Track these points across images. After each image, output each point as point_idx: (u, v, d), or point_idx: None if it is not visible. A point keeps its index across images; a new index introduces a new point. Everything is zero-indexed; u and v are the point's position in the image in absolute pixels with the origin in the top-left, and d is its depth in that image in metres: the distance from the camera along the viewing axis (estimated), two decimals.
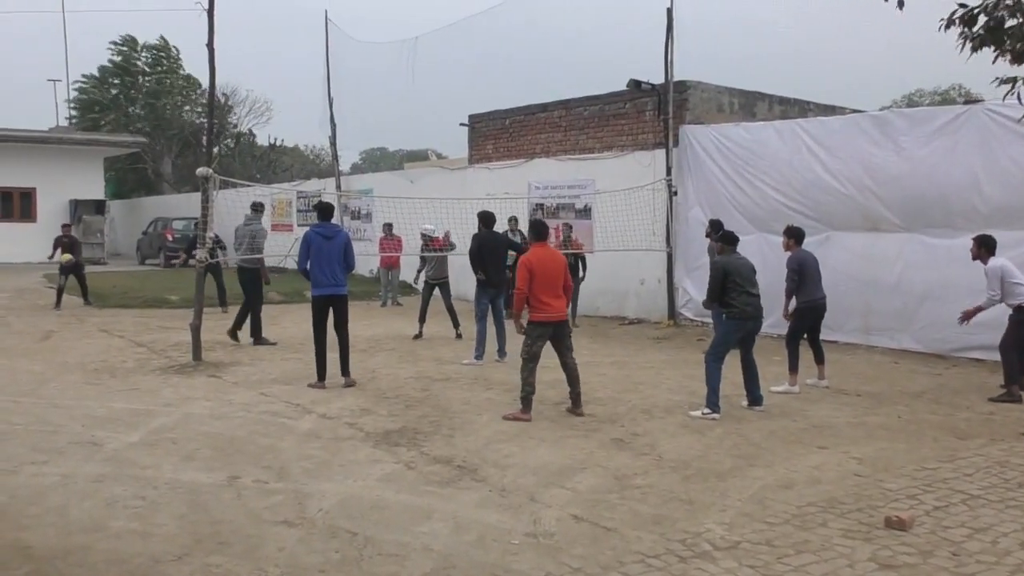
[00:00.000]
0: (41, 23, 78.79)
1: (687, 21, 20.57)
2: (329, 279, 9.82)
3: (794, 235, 10.14)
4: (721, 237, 9.36)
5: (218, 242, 14.60)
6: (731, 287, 8.69)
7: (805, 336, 10.07)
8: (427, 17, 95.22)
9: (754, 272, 8.97)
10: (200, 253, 11.56)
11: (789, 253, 10.05)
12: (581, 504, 5.89)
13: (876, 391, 9.84)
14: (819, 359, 10.17)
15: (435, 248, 14.27)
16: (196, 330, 11.38)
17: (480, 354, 11.60)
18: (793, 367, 9.82)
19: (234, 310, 14.02)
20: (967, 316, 9.51)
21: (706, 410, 8.53)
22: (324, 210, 10.31)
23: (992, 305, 9.30)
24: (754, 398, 8.92)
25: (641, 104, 16.58)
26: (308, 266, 9.88)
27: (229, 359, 11.62)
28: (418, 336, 13.67)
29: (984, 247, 9.44)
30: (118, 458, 6.91)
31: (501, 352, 11.73)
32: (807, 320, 10.03)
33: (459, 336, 13.67)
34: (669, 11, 15.29)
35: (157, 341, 13.18)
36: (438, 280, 13.99)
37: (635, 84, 16.04)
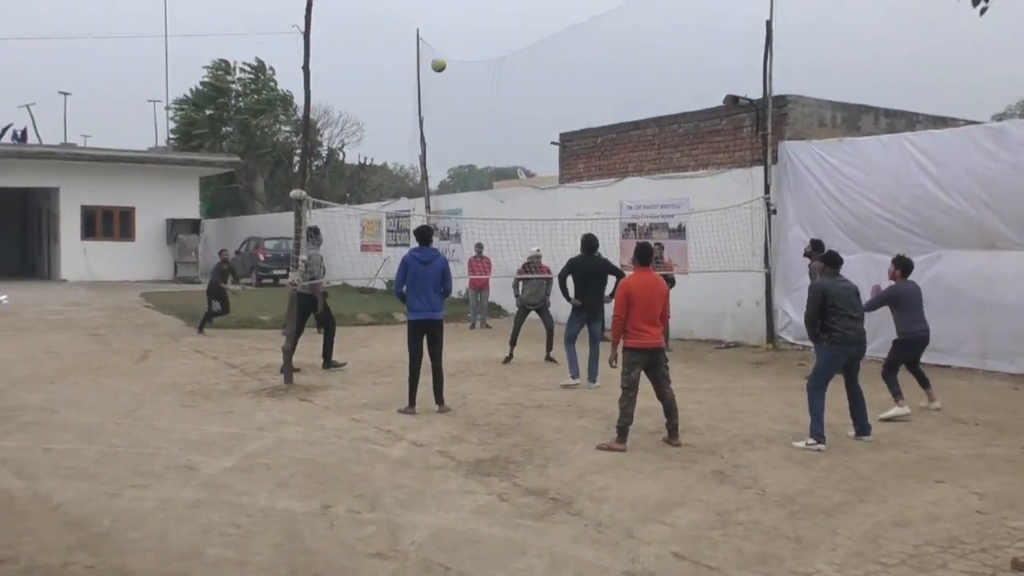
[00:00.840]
0: (145, 46, 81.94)
1: (788, 33, 20.14)
2: (424, 304, 9.76)
3: (902, 265, 9.93)
4: (824, 258, 9.03)
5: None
6: (831, 311, 8.36)
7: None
8: (518, 33, 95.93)
9: (857, 295, 8.63)
10: (293, 275, 11.62)
11: (893, 282, 9.87)
12: (681, 541, 5.64)
13: (996, 419, 9.30)
14: (924, 384, 9.87)
15: (538, 271, 13.96)
16: (288, 353, 11.44)
17: (575, 373, 11.47)
18: (896, 393, 9.47)
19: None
20: None
21: (810, 440, 8.14)
22: (423, 234, 10.25)
23: None
24: (861, 427, 8.50)
25: (738, 120, 16.20)
26: (404, 290, 9.84)
27: (320, 382, 11.64)
28: (508, 359, 13.49)
29: None
30: (214, 483, 6.91)
31: (592, 378, 11.47)
32: (906, 352, 9.79)
33: (549, 359, 13.45)
34: (768, 23, 14.90)
35: (249, 363, 13.32)
36: (537, 304, 13.76)
37: (732, 100, 15.69)
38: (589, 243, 11.78)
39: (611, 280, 11.52)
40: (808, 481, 7.03)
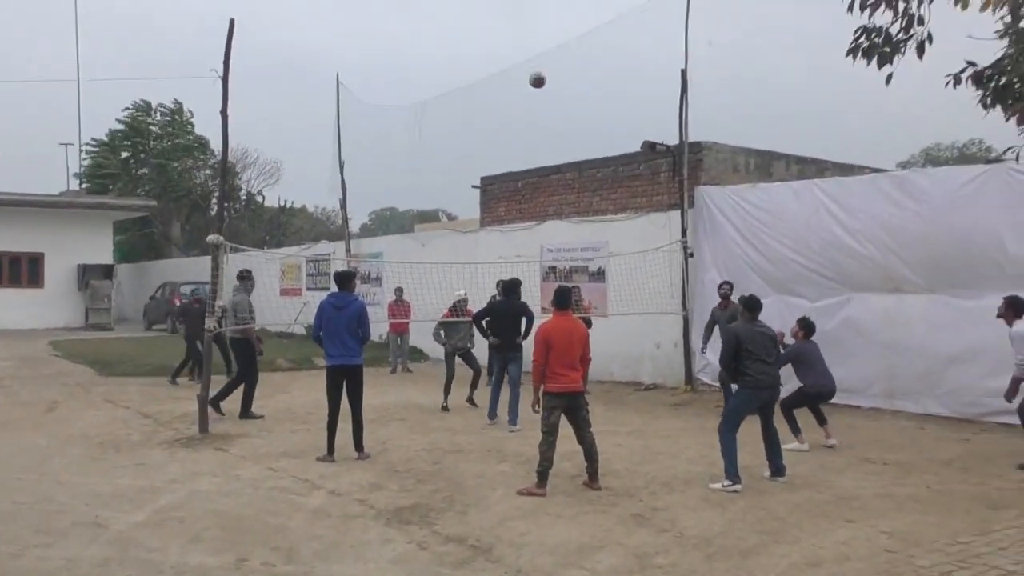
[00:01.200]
0: (56, 90, 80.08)
1: (702, 82, 20.66)
2: (340, 350, 9.67)
3: (805, 327, 10.58)
4: (743, 302, 9.14)
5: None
6: (745, 355, 8.52)
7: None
8: (439, 78, 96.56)
9: (774, 341, 8.86)
10: (209, 322, 11.41)
11: (794, 341, 10.56)
12: None
13: (903, 459, 9.55)
14: (821, 421, 10.36)
15: (464, 315, 13.86)
16: (203, 401, 11.19)
17: (492, 413, 11.87)
18: (795, 430, 10.01)
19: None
20: (1011, 395, 9.12)
21: (726, 482, 8.26)
22: (341, 279, 10.20)
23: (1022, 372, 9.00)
24: (776, 468, 8.68)
25: (656, 165, 16.52)
26: (320, 335, 9.77)
27: (237, 431, 11.40)
28: (445, 408, 13.19)
29: (1012, 309, 9.19)
30: (123, 539, 6.69)
31: (512, 421, 11.51)
32: (810, 401, 10.38)
33: (470, 401, 13.40)
34: (683, 72, 15.28)
35: (163, 412, 12.97)
36: (462, 348, 13.67)
37: (649, 146, 15.99)
38: (507, 287, 12.16)
39: (525, 322, 11.91)
40: (725, 523, 7.12)
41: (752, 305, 8.91)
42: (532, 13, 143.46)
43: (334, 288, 10.23)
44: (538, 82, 13.39)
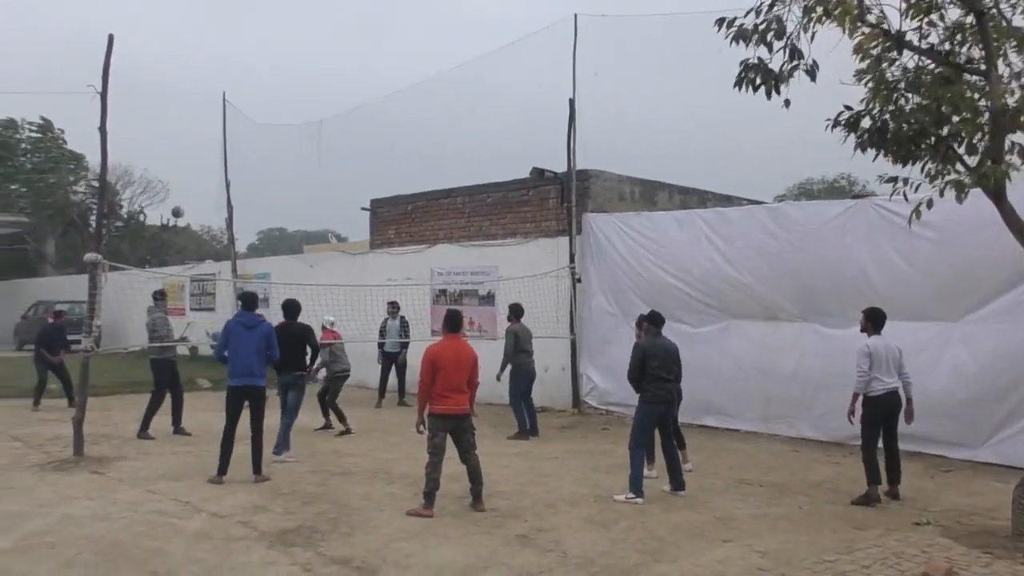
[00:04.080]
0: None
1: (589, 112, 21.03)
2: (244, 369, 9.59)
3: (646, 320, 9.73)
4: (648, 317, 9.50)
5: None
6: (647, 370, 8.87)
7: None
8: (327, 101, 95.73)
9: (676, 356, 9.26)
10: (86, 342, 11.03)
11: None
12: None
13: (778, 481, 9.90)
14: (680, 444, 9.85)
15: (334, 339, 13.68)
16: (79, 423, 10.79)
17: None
18: (649, 456, 9.63)
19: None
20: (852, 411, 9.10)
21: (630, 494, 8.59)
22: (248, 300, 10.18)
23: (861, 386, 8.91)
24: (677, 483, 9.05)
25: (544, 192, 16.78)
26: (225, 354, 9.68)
27: (114, 453, 11.04)
28: (347, 432, 12.92)
29: (871, 320, 9.19)
30: None
31: (277, 449, 10.84)
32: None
33: (347, 430, 13.07)
34: (571, 102, 15.62)
35: (35, 435, 12.46)
36: (346, 372, 13.48)
37: (538, 172, 16.25)
38: (287, 309, 11.20)
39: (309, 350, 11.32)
40: (608, 543, 7.27)
41: (656, 320, 9.32)
42: (426, 38, 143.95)
43: (238, 309, 10.13)
44: None
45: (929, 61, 7.42)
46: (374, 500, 8.69)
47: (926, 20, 7.30)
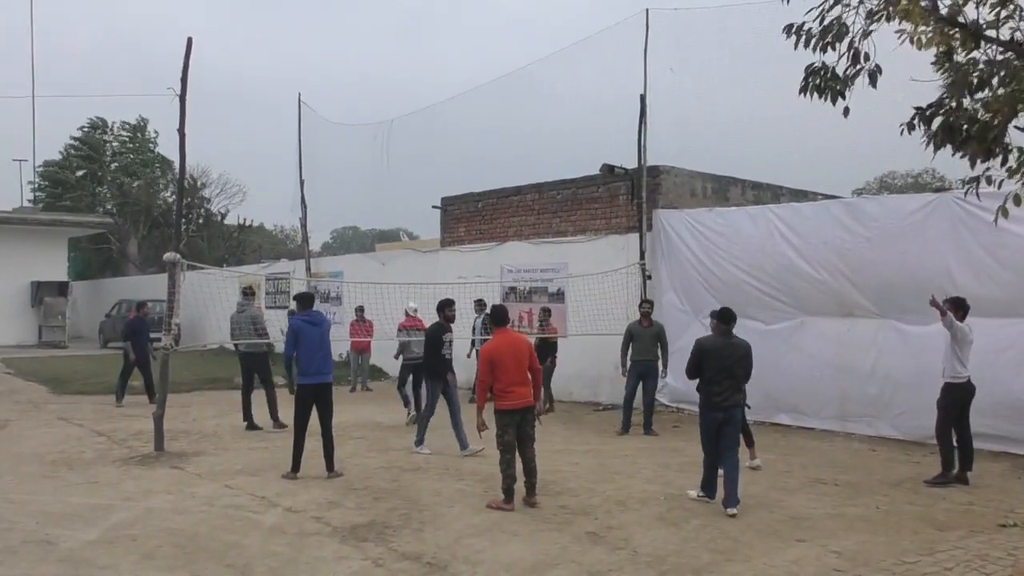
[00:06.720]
0: (7, 106, 78.54)
1: (660, 108, 20.75)
2: (316, 367, 9.71)
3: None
4: (717, 314, 8.75)
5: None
6: (704, 371, 8.42)
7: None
8: (399, 100, 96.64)
9: (746, 358, 8.50)
10: (166, 340, 11.32)
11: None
12: None
13: (854, 480, 9.69)
14: (748, 442, 9.96)
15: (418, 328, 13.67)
16: (159, 419, 11.09)
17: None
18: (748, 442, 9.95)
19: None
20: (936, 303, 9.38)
21: (701, 492, 8.52)
22: (306, 299, 10.31)
23: (950, 327, 9.33)
24: (725, 497, 8.76)
25: (615, 188, 16.70)
26: (295, 354, 9.74)
27: (193, 449, 11.31)
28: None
29: (962, 310, 9.47)
30: (74, 558, 6.63)
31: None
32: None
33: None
34: (642, 97, 15.50)
35: (118, 430, 12.83)
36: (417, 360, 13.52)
37: (608, 169, 16.17)
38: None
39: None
40: (679, 541, 7.20)
41: (726, 317, 8.55)
42: (501, 37, 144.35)
43: (293, 307, 10.27)
44: None
45: (1009, 52, 7.15)
46: (444, 496, 8.75)
47: (1003, 12, 7.03)
